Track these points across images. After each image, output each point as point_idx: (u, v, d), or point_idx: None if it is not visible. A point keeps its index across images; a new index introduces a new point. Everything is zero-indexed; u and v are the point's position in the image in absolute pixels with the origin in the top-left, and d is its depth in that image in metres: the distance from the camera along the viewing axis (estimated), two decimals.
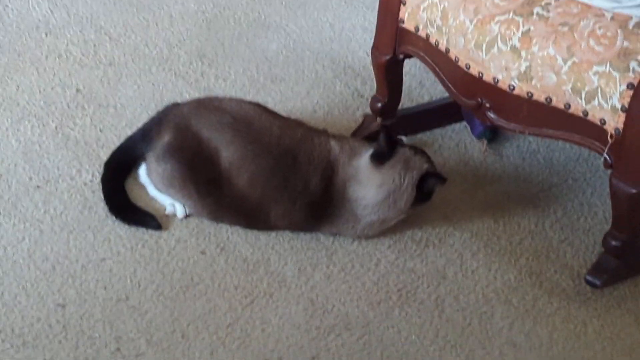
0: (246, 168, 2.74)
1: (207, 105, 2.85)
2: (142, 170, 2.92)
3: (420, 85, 3.44)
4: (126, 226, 2.83)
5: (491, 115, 2.76)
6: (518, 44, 2.61)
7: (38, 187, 2.96)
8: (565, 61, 2.54)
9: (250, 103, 2.91)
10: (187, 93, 3.34)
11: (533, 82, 2.61)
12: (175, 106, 2.92)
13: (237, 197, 2.77)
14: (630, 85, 2.46)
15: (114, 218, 2.85)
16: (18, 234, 2.80)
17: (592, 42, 2.52)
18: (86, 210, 2.88)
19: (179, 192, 2.83)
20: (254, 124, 2.79)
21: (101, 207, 2.89)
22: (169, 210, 2.87)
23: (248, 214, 2.80)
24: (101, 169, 3.01)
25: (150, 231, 2.81)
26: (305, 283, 2.69)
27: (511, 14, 2.64)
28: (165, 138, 2.80)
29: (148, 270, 2.71)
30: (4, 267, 2.70)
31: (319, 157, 2.77)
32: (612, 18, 2.55)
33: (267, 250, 2.78)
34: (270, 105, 3.26)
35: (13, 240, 2.78)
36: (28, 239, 2.79)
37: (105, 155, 3.06)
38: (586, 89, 2.52)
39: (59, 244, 2.78)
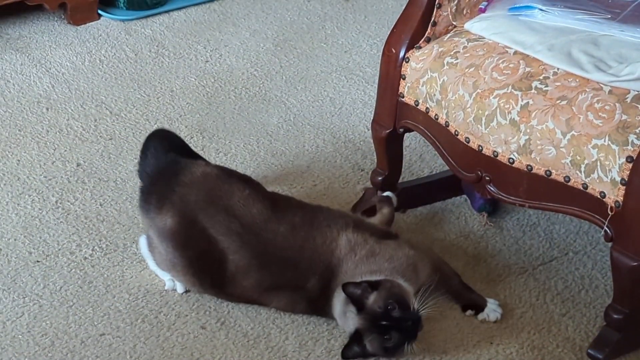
0: (251, 275, 2.73)
1: (215, 201, 2.77)
2: (143, 242, 2.91)
3: (420, 158, 3.45)
4: (126, 301, 2.82)
5: (491, 188, 2.77)
6: (517, 118, 2.63)
7: (38, 261, 2.96)
8: (564, 134, 2.55)
9: (260, 199, 2.81)
10: None
11: (532, 155, 2.61)
12: (180, 170, 2.85)
13: (239, 292, 2.78)
14: (629, 159, 2.47)
15: (113, 293, 2.84)
16: (17, 309, 2.79)
17: (590, 116, 2.53)
18: (86, 285, 2.87)
19: (180, 277, 2.81)
20: (261, 234, 2.73)
21: (101, 281, 2.88)
22: (168, 285, 2.86)
23: (249, 302, 2.81)
24: (101, 244, 3.01)
25: (150, 306, 2.80)
26: (307, 357, 2.67)
27: (510, 88, 2.66)
28: (168, 222, 2.76)
29: (148, 346, 2.69)
30: (2, 343, 2.68)
31: (320, 259, 2.72)
32: (610, 92, 2.56)
33: (267, 325, 2.76)
34: (271, 179, 3.28)
35: (12, 315, 2.77)
36: (27, 314, 2.77)
37: (106, 230, 3.07)
38: (585, 162, 2.53)
39: (58, 319, 2.76)
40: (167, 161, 2.91)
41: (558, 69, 2.66)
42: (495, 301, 2.82)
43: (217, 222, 2.73)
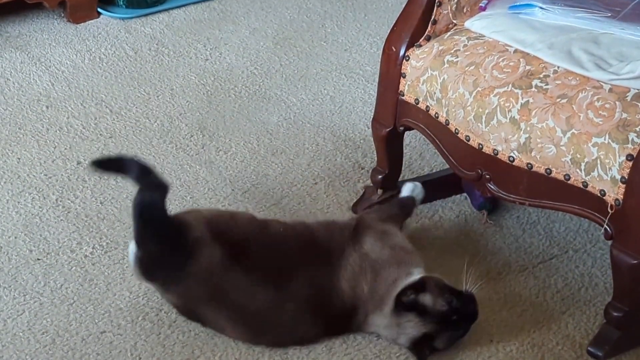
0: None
1: (218, 296, 2.63)
2: (133, 249, 2.72)
3: (420, 157, 3.46)
4: (127, 299, 2.82)
5: (491, 186, 2.77)
6: (517, 116, 2.63)
7: (38, 259, 2.96)
8: (564, 133, 2.55)
9: (263, 287, 2.62)
10: (188, 165, 3.36)
11: (533, 153, 2.62)
12: (189, 254, 2.63)
13: None
14: (629, 157, 2.47)
15: (114, 291, 2.84)
16: (18, 307, 2.79)
17: (590, 114, 2.54)
18: (86, 283, 2.88)
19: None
20: (267, 321, 2.65)
21: (102, 279, 2.89)
22: None
23: None
24: (101, 242, 3.01)
25: (151, 304, 2.80)
26: (307, 355, 2.68)
27: (510, 87, 2.66)
28: (171, 299, 2.73)
29: (149, 343, 2.69)
30: (3, 340, 2.68)
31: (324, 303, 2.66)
32: (611, 90, 2.57)
33: None
34: (271, 178, 3.28)
35: (13, 313, 2.77)
36: (28, 312, 2.77)
37: (106, 228, 3.07)
38: (585, 160, 2.53)
39: (59, 316, 2.76)
40: (172, 234, 2.65)
41: (558, 67, 2.66)
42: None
43: (220, 317, 2.67)
